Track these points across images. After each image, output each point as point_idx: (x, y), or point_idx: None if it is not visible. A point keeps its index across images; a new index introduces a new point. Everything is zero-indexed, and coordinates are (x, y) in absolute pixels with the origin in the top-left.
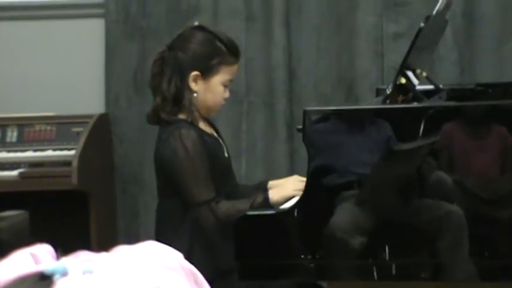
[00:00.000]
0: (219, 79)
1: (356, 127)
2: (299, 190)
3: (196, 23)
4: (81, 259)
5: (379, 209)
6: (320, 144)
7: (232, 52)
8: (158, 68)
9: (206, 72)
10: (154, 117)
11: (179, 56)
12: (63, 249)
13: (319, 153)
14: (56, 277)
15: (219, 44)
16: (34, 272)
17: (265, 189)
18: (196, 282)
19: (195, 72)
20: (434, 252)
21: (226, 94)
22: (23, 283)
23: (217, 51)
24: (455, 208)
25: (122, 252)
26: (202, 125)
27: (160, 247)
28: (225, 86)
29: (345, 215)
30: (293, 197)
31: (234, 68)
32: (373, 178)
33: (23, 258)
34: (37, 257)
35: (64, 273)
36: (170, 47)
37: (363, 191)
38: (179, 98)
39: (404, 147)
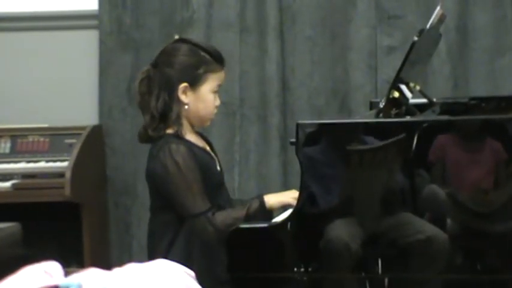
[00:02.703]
0: (207, 87)
1: (349, 140)
2: (295, 199)
3: (176, 37)
4: (93, 275)
5: (371, 223)
6: (313, 157)
7: (216, 59)
8: (145, 87)
9: (194, 83)
10: (145, 136)
11: (166, 71)
12: (56, 260)
13: (312, 167)
14: None
15: (202, 53)
16: (50, 285)
17: (261, 198)
18: None
19: (183, 84)
20: (417, 270)
21: (217, 102)
22: None
23: (202, 61)
24: (436, 233)
25: (133, 270)
26: (193, 138)
27: (170, 265)
28: (214, 92)
29: (341, 228)
30: (289, 205)
31: (221, 74)
32: (365, 191)
33: (37, 273)
34: (49, 272)
35: None
36: (154, 65)
37: (355, 205)
38: (167, 114)
39: (397, 161)
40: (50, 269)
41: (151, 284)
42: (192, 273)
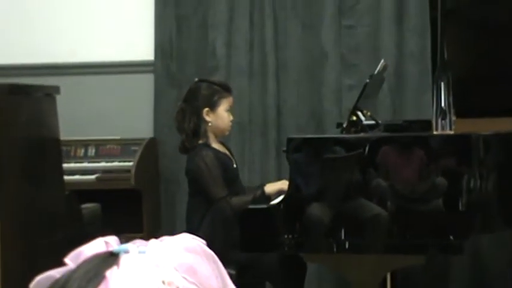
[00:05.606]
0: (222, 108)
1: (322, 149)
2: (285, 185)
3: (196, 79)
4: (138, 243)
5: (337, 205)
6: (298, 161)
7: (225, 89)
8: (181, 116)
9: (213, 107)
10: (183, 149)
11: (193, 103)
12: (124, 231)
13: (297, 167)
14: (121, 254)
15: (215, 86)
16: (106, 251)
17: (263, 187)
18: (214, 262)
19: (206, 109)
20: (368, 236)
21: (231, 117)
22: (99, 257)
23: (216, 91)
24: (380, 212)
25: (164, 240)
26: (218, 146)
27: (190, 237)
28: (227, 111)
29: (316, 208)
30: (282, 191)
31: (230, 98)
32: (333, 184)
33: (99, 243)
34: (108, 243)
35: (126, 252)
36: (185, 100)
37: (326, 193)
38: (197, 131)
39: (354, 163)
40: (108, 240)
41: (177, 250)
42: (204, 242)
